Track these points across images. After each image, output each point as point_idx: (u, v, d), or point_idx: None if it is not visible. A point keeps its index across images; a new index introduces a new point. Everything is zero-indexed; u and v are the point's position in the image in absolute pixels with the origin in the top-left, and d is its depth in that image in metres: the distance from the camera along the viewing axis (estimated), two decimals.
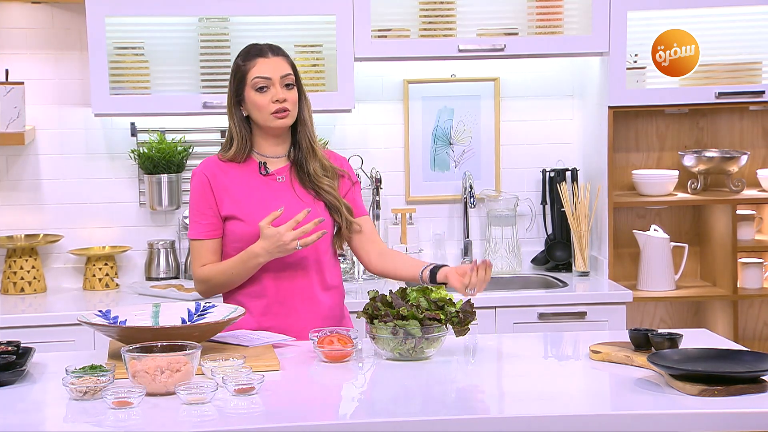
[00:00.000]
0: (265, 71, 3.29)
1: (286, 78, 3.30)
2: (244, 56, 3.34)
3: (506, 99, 4.84)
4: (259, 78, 3.29)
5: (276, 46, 3.36)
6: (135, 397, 2.58)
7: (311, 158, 3.35)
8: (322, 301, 3.36)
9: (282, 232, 3.16)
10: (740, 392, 2.63)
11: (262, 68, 3.30)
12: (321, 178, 3.34)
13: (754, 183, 4.77)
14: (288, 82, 3.30)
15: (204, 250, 3.33)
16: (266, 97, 3.28)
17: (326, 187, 3.34)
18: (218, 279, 3.30)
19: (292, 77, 3.31)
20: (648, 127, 4.84)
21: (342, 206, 3.35)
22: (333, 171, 3.38)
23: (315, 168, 3.35)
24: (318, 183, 3.34)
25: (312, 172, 3.34)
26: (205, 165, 3.37)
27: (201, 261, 3.33)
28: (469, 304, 3.03)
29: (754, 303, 4.84)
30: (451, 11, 4.54)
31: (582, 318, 4.32)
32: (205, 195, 3.33)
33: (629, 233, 4.75)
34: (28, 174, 4.63)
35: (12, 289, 4.48)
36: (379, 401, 2.75)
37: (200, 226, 3.33)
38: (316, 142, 3.37)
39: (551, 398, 2.71)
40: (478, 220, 4.85)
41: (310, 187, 3.35)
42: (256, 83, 3.29)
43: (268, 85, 3.28)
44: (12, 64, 4.51)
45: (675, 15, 4.54)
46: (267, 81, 3.28)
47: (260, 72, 3.29)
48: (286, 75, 3.30)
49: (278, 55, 3.33)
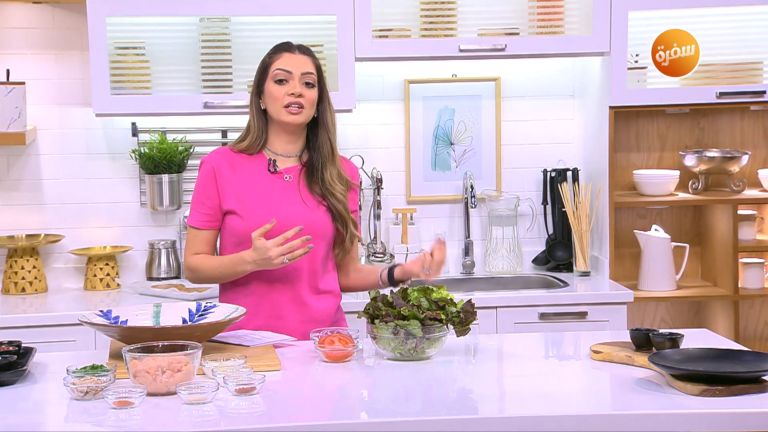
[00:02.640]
0: (287, 64, 3.33)
1: (307, 76, 3.33)
2: (274, 50, 3.40)
3: (507, 99, 4.84)
4: (280, 70, 3.33)
5: (306, 46, 3.41)
6: (136, 397, 2.58)
7: (330, 164, 3.37)
8: (312, 305, 3.36)
9: (269, 247, 3.18)
10: (741, 392, 2.63)
11: (285, 61, 3.34)
12: (335, 185, 3.36)
13: (755, 183, 4.77)
14: (308, 80, 3.33)
15: (198, 239, 3.38)
16: (282, 90, 3.31)
17: (339, 195, 3.36)
18: (206, 273, 3.36)
19: (313, 77, 3.34)
20: (649, 127, 4.83)
21: (349, 219, 3.38)
22: (347, 182, 3.40)
23: (332, 174, 3.36)
24: (331, 190, 3.35)
25: (328, 178, 3.35)
26: (214, 155, 3.40)
27: (194, 249, 3.39)
28: (470, 304, 3.03)
29: (755, 303, 4.84)
30: (452, 11, 4.54)
31: (583, 318, 4.32)
32: (208, 186, 3.36)
33: (630, 233, 4.75)
34: (29, 174, 4.63)
35: (13, 289, 4.48)
36: (380, 401, 2.75)
37: (198, 214, 3.38)
38: (336, 148, 3.39)
39: (552, 398, 2.71)
40: (479, 220, 4.85)
41: (319, 192, 3.35)
42: (276, 75, 3.32)
43: (288, 78, 3.32)
44: (13, 64, 4.51)
45: (675, 15, 4.54)
46: (287, 74, 3.32)
47: (282, 64, 3.33)
48: (307, 73, 3.33)
49: (305, 54, 3.37)
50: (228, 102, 4.41)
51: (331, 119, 3.39)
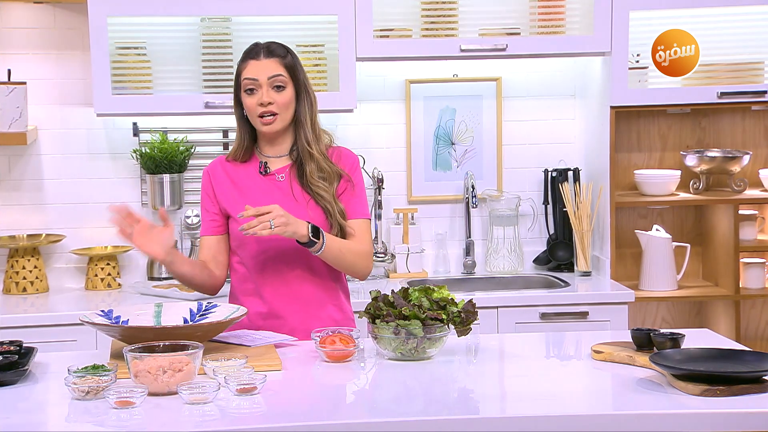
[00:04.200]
0: (253, 72, 3.28)
1: (275, 79, 3.27)
2: (242, 57, 3.34)
3: (508, 99, 4.84)
4: (247, 79, 3.28)
5: (274, 46, 3.32)
6: (137, 397, 2.58)
7: (308, 160, 3.32)
8: (316, 303, 3.35)
9: None
10: (742, 392, 2.63)
11: (251, 69, 3.28)
12: (316, 181, 3.31)
13: (756, 183, 4.77)
14: (277, 83, 3.27)
15: (204, 245, 3.39)
16: (253, 100, 3.27)
17: (321, 191, 3.31)
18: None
19: (282, 78, 3.27)
20: (650, 127, 4.83)
21: (336, 211, 3.31)
22: (332, 173, 3.33)
23: (311, 170, 3.32)
24: (312, 186, 3.31)
25: (308, 174, 3.31)
26: (211, 165, 3.43)
27: (199, 256, 3.40)
28: (471, 304, 3.03)
29: (756, 303, 4.84)
30: (453, 11, 4.54)
31: (584, 318, 4.32)
32: (207, 193, 3.39)
33: (631, 233, 4.75)
34: (30, 174, 4.63)
35: (14, 289, 4.48)
36: (381, 401, 2.75)
37: (204, 223, 3.40)
38: (314, 143, 3.32)
39: (553, 398, 2.71)
40: (480, 220, 4.85)
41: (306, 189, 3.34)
42: (245, 84, 3.29)
43: (256, 86, 3.27)
44: (14, 64, 4.51)
45: (675, 15, 4.54)
46: (254, 82, 3.27)
47: (248, 73, 3.29)
48: (274, 76, 3.27)
49: (271, 56, 3.29)
50: (229, 102, 4.34)
51: (308, 115, 3.32)
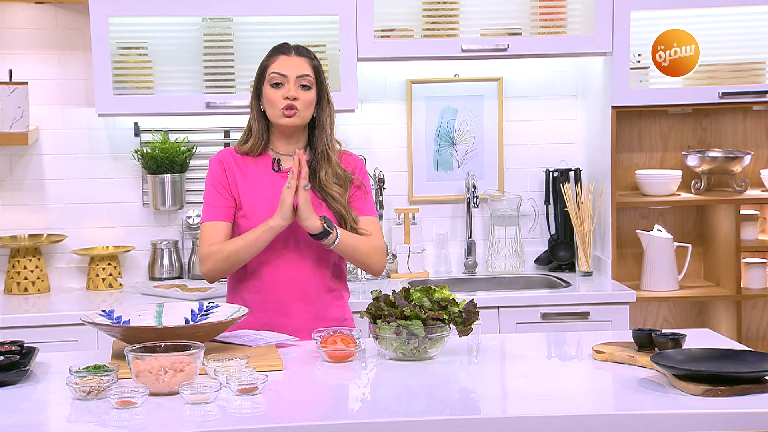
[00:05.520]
0: (283, 68, 3.33)
1: (303, 78, 3.33)
2: (271, 52, 3.39)
3: (509, 99, 4.84)
4: (276, 74, 3.33)
5: (304, 47, 3.40)
6: (138, 397, 2.58)
7: (324, 164, 3.36)
8: (320, 302, 3.36)
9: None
10: (744, 392, 2.63)
11: (281, 64, 3.34)
12: (331, 185, 3.35)
13: (758, 183, 4.77)
14: (305, 83, 3.33)
15: (215, 230, 3.32)
16: (278, 93, 3.32)
17: (335, 194, 3.35)
18: (228, 249, 3.28)
19: (310, 79, 3.34)
20: (651, 127, 4.83)
21: (349, 215, 3.36)
22: (345, 179, 3.39)
23: (327, 174, 3.36)
24: (327, 190, 3.35)
25: (323, 178, 3.35)
26: (222, 154, 3.42)
27: (210, 240, 3.32)
28: (472, 304, 3.03)
29: (758, 303, 4.84)
30: (454, 11, 4.54)
31: (585, 318, 4.32)
32: (222, 179, 3.36)
33: (632, 233, 4.75)
34: (31, 174, 4.63)
35: (15, 289, 4.48)
36: (383, 401, 2.75)
37: (212, 209, 3.34)
38: (332, 149, 3.38)
39: (554, 398, 2.71)
40: (481, 220, 4.85)
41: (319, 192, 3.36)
42: (272, 78, 3.33)
43: (283, 81, 3.32)
44: (15, 64, 4.51)
45: (676, 15, 4.54)
46: (282, 78, 3.32)
47: (278, 68, 3.33)
48: (303, 75, 3.33)
49: (302, 55, 3.36)
50: (230, 102, 4.41)
51: (328, 120, 3.38)
